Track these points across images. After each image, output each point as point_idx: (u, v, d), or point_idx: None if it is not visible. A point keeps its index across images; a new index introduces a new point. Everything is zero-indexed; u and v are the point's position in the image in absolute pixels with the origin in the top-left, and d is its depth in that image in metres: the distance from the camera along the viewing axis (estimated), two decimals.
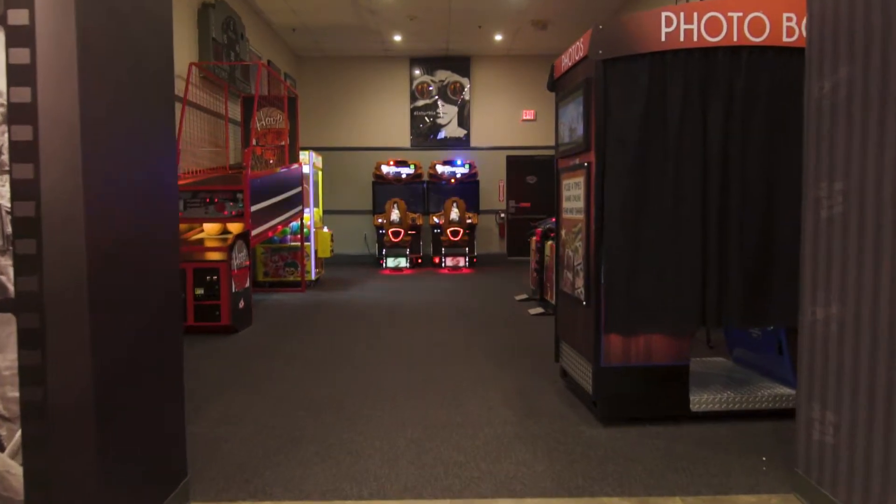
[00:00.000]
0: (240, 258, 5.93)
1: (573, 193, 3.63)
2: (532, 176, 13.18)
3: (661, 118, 3.20)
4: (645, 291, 3.22)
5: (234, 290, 5.74)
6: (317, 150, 11.05)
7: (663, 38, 3.17)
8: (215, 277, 5.63)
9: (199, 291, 5.64)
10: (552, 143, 4.21)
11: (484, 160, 12.62)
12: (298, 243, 8.85)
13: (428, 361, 4.72)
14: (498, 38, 11.35)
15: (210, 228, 6.92)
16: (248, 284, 6.13)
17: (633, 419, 3.34)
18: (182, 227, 6.65)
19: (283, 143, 8.32)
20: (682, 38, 3.17)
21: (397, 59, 12.64)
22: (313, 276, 9.13)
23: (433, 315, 6.73)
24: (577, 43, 3.48)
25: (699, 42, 3.17)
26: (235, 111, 8.71)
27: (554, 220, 8.47)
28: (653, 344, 3.30)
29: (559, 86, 3.94)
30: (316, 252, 9.28)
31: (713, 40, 3.17)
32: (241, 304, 5.94)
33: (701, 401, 3.35)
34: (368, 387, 4.07)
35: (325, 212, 11.25)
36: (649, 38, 3.17)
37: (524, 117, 12.78)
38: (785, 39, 3.20)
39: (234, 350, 5.15)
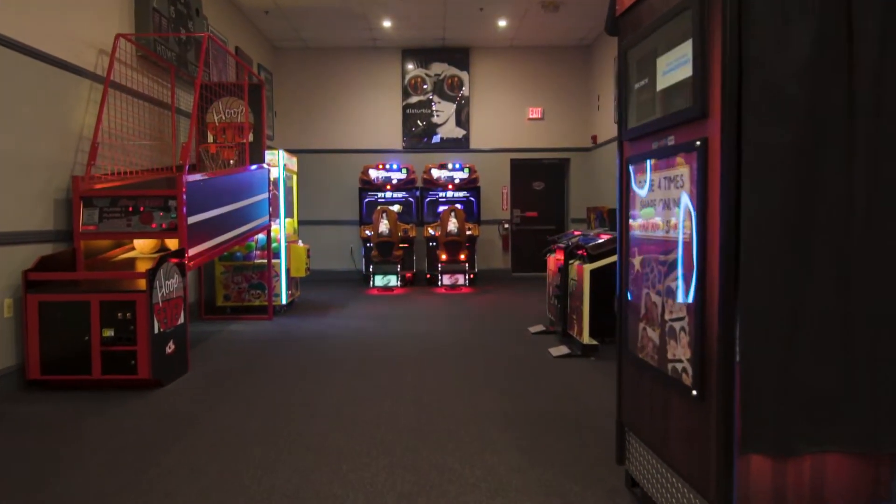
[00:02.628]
0: (168, 287, 4.42)
1: (661, 196, 2.16)
2: (539, 182, 11.73)
3: (846, 59, 1.75)
4: (819, 378, 1.74)
5: (157, 331, 4.24)
6: (297, 152, 9.60)
7: None
8: (129, 314, 4.13)
9: (108, 333, 4.13)
10: (562, 144, 2.71)
11: (485, 164, 11.15)
12: (266, 261, 7.35)
13: (418, 445, 3.23)
14: (502, 23, 9.92)
15: (143, 245, 5.42)
16: (182, 320, 4.63)
17: None
18: (104, 243, 5.16)
19: (244, 140, 6.84)
20: None
21: (387, 50, 11.20)
22: (284, 300, 7.62)
23: (427, 356, 5.23)
24: None
25: None
26: (189, 102, 7.23)
27: (577, 232, 6.90)
28: (827, 471, 1.82)
29: (627, 23, 2.48)
30: (288, 271, 7.78)
31: None
32: (171, 348, 4.44)
33: None
34: None
35: (301, 222, 9.76)
36: None
37: (530, 116, 11.34)
38: None
39: (142, 424, 3.63)
